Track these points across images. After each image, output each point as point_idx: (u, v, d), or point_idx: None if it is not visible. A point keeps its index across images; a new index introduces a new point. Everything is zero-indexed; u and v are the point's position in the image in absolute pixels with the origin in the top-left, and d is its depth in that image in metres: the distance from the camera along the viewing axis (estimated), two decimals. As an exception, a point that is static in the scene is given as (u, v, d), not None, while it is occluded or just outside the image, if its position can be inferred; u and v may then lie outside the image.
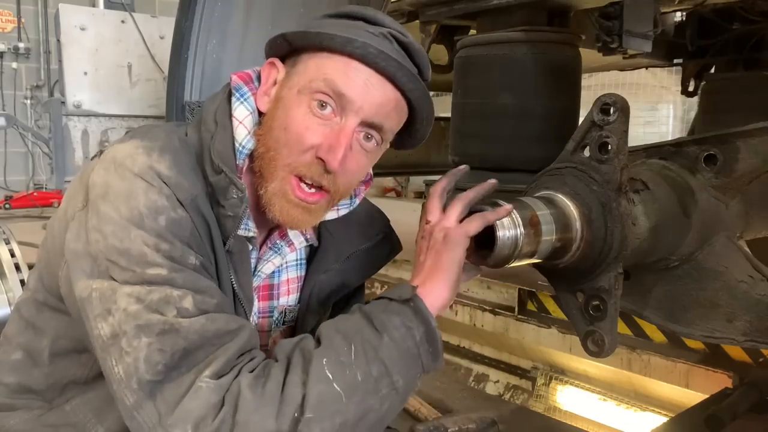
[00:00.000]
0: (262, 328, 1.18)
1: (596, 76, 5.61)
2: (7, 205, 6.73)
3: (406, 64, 1.00)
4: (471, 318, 3.16)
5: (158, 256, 0.90)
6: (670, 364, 2.45)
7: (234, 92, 1.05)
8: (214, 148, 0.98)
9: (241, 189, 0.97)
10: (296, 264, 1.20)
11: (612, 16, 1.80)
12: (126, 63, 4.25)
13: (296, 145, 0.98)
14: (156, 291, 0.89)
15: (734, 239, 1.32)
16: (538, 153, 1.83)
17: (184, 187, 0.94)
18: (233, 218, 0.97)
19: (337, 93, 0.97)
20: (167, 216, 0.91)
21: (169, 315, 0.87)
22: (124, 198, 0.92)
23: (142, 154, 0.95)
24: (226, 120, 1.02)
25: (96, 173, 0.97)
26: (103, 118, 4.21)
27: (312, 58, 1.00)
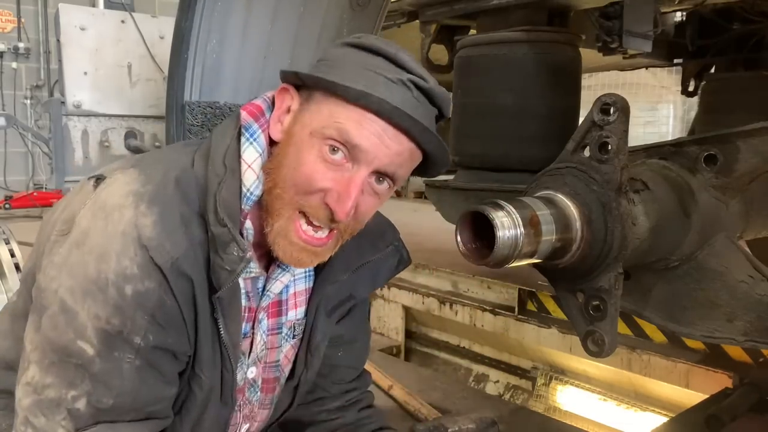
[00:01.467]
0: (272, 344, 1.17)
1: (596, 76, 5.61)
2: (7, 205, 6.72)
3: (423, 113, 0.97)
4: (471, 318, 3.16)
5: (96, 334, 0.91)
6: (670, 364, 2.45)
7: (244, 132, 1.01)
8: (221, 197, 0.95)
9: (243, 248, 0.94)
10: (305, 276, 1.18)
11: (612, 16, 1.80)
12: (126, 63, 4.25)
13: (305, 186, 0.96)
14: (53, 387, 0.92)
15: (734, 239, 1.32)
16: (538, 153, 1.83)
17: (164, 249, 0.92)
18: (230, 272, 0.95)
19: (350, 144, 0.94)
20: (134, 287, 0.91)
21: (56, 419, 0.92)
22: (96, 256, 0.91)
23: (131, 206, 0.93)
24: (235, 163, 0.99)
25: (85, 213, 0.96)
26: (103, 118, 4.20)
27: (326, 101, 0.95)
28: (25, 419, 0.93)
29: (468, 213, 1.08)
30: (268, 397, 1.20)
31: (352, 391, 1.33)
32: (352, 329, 1.29)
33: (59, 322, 0.92)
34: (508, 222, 1.04)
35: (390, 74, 0.95)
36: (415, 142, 0.97)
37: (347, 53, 0.98)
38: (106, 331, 0.91)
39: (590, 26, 1.92)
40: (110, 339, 0.91)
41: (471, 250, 1.09)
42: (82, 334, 0.91)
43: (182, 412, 1.06)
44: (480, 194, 1.97)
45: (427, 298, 3.39)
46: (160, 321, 0.93)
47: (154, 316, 0.93)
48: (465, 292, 3.33)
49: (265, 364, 1.17)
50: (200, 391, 1.04)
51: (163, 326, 0.94)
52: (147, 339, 0.93)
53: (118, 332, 0.91)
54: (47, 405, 0.92)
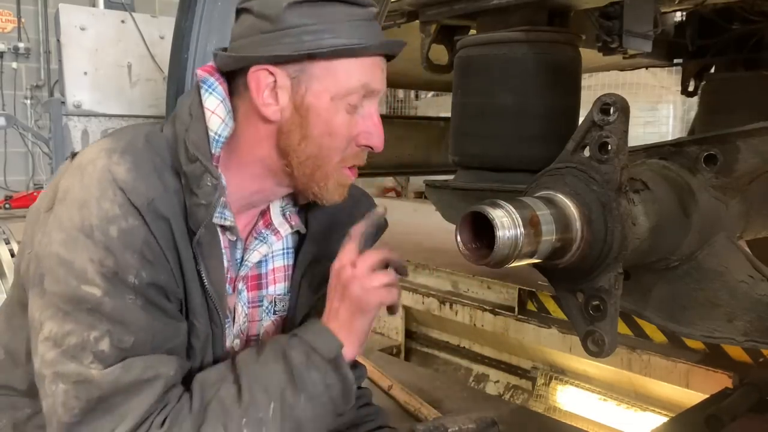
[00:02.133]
0: (253, 317, 1.19)
1: (596, 76, 5.61)
2: (7, 205, 6.72)
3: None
4: (471, 318, 3.16)
5: (97, 274, 0.93)
6: (670, 364, 2.45)
7: (202, 84, 1.07)
8: (189, 139, 1.01)
9: (216, 176, 0.99)
10: (283, 253, 1.21)
11: (612, 16, 1.80)
12: (126, 63, 4.24)
13: (344, 145, 1.06)
14: (74, 333, 0.92)
15: (734, 239, 1.32)
16: (538, 153, 1.83)
17: (140, 191, 0.96)
18: (206, 206, 0.99)
19: (369, 91, 1.06)
20: (118, 226, 0.94)
21: (85, 362, 0.92)
22: (78, 205, 0.95)
23: (104, 157, 0.98)
24: (199, 112, 1.05)
25: (65, 177, 1.01)
26: (103, 118, 4.20)
27: (333, 64, 1.03)
28: (54, 375, 0.93)
29: (468, 213, 1.08)
30: None
31: None
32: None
33: (60, 275, 0.94)
34: (508, 222, 1.04)
35: (362, 16, 1.05)
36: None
37: (308, 12, 1.01)
38: (104, 273, 0.93)
39: (590, 26, 1.92)
40: (110, 279, 0.93)
41: (471, 250, 1.09)
42: (85, 279, 0.93)
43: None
44: (480, 194, 1.97)
45: (427, 298, 3.39)
46: (149, 258, 0.96)
47: (143, 253, 0.95)
48: (465, 292, 3.34)
49: (247, 337, 1.19)
50: (197, 342, 1.05)
51: (153, 263, 0.96)
52: (141, 276, 0.95)
53: (113, 273, 0.93)
54: (72, 351, 0.92)
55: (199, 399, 0.97)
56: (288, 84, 1.03)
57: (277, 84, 1.03)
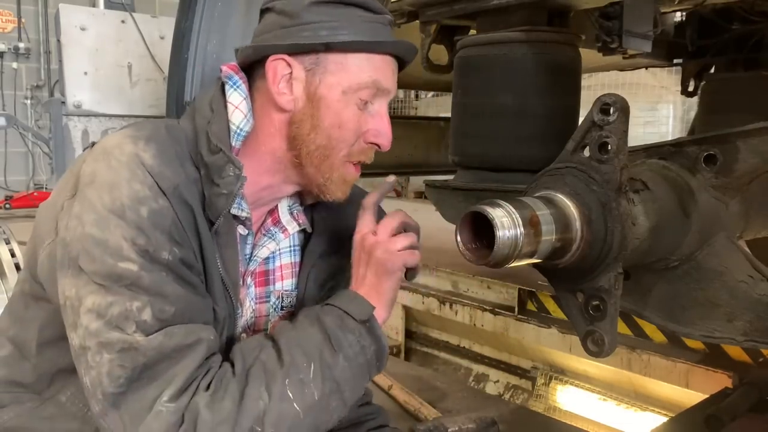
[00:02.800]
0: (260, 313, 1.22)
1: (596, 76, 5.61)
2: (7, 205, 6.73)
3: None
4: (471, 318, 3.16)
5: (133, 251, 0.94)
6: (670, 364, 2.45)
7: (226, 81, 1.11)
8: (212, 131, 1.04)
9: (238, 166, 1.02)
10: (290, 250, 1.24)
11: (612, 16, 1.80)
12: (126, 63, 4.25)
13: (352, 139, 1.09)
14: (116, 304, 0.93)
15: (734, 239, 1.32)
16: (538, 153, 1.83)
17: (166, 175, 0.98)
18: (227, 196, 1.01)
19: (379, 88, 1.10)
20: (149, 207, 0.96)
21: (128, 331, 0.93)
22: (108, 187, 0.97)
23: (129, 143, 1.00)
24: (221, 107, 1.08)
25: (86, 163, 1.02)
26: (104, 118, 4.20)
27: (347, 59, 1.07)
28: (98, 345, 0.93)
29: (468, 213, 1.08)
30: None
31: None
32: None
33: (95, 255, 0.95)
34: (507, 222, 1.05)
35: (377, 20, 1.10)
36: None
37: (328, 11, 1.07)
38: (137, 251, 0.95)
39: (590, 26, 1.92)
40: (146, 254, 0.95)
41: (471, 250, 1.09)
42: (121, 256, 0.94)
43: None
44: (480, 194, 1.97)
45: (427, 297, 3.39)
46: (177, 238, 0.98)
47: (171, 233, 0.97)
48: (465, 292, 3.34)
49: (254, 332, 1.21)
50: (217, 325, 1.07)
51: (181, 244, 0.98)
52: (173, 253, 0.97)
53: (145, 251, 0.95)
54: (116, 321, 0.93)
55: (241, 363, 0.99)
56: (303, 75, 1.07)
57: (293, 75, 1.07)
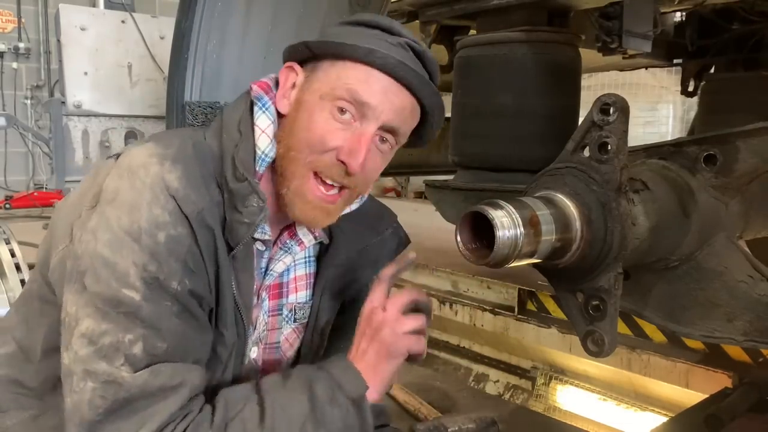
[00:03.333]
0: (273, 326, 1.20)
1: (596, 76, 5.61)
2: (7, 205, 6.72)
3: (421, 72, 1.05)
4: (471, 318, 3.16)
5: (139, 278, 0.93)
6: (670, 364, 2.45)
7: (256, 102, 1.09)
8: (238, 157, 1.02)
9: (263, 198, 1.01)
10: (305, 261, 1.23)
11: (612, 16, 1.80)
12: (126, 63, 4.25)
13: (318, 146, 1.03)
14: (109, 333, 0.93)
15: (734, 239, 1.32)
16: (538, 153, 1.83)
17: (191, 199, 0.97)
18: (248, 225, 1.00)
19: (358, 101, 1.02)
20: (167, 233, 0.95)
21: (116, 363, 0.92)
22: (128, 208, 0.96)
23: (156, 163, 0.98)
24: (248, 130, 1.06)
25: (111, 178, 1.01)
26: (104, 118, 4.21)
27: (334, 66, 1.04)
28: (84, 372, 0.93)
29: (468, 213, 1.08)
30: None
31: None
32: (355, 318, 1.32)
33: (102, 275, 0.94)
34: (507, 222, 1.05)
35: (389, 39, 1.04)
36: (415, 97, 1.06)
37: (346, 28, 1.07)
38: (145, 278, 0.94)
39: (590, 26, 1.92)
40: (151, 285, 0.94)
41: (471, 250, 1.09)
42: (126, 282, 0.94)
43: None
44: (480, 194, 1.97)
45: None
46: (192, 267, 0.97)
47: (186, 261, 0.96)
48: (465, 292, 3.33)
49: (266, 345, 1.20)
50: (224, 351, 1.06)
51: (194, 272, 0.97)
52: (183, 284, 0.96)
53: (155, 278, 0.94)
54: (105, 351, 0.93)
55: (222, 414, 0.97)
56: (302, 82, 1.07)
57: (296, 82, 1.07)
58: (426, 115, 1.11)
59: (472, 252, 1.08)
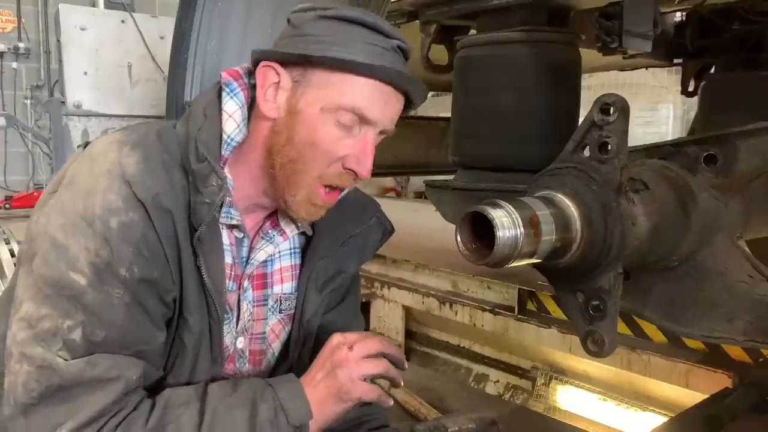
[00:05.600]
0: (258, 316, 1.21)
1: (596, 76, 5.61)
2: (7, 205, 6.72)
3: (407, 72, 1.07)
4: (471, 318, 3.16)
5: (88, 265, 0.94)
6: (670, 364, 2.45)
7: (224, 87, 1.09)
8: (200, 138, 1.03)
9: (221, 177, 1.01)
10: (290, 252, 1.23)
11: (612, 16, 1.80)
12: (126, 63, 4.24)
13: (325, 160, 1.05)
14: (48, 318, 0.94)
15: (734, 239, 1.32)
16: (538, 153, 1.82)
17: (146, 184, 0.98)
18: (209, 205, 1.01)
19: (360, 115, 1.03)
20: (119, 219, 0.96)
21: (53, 348, 0.93)
22: (84, 193, 0.97)
23: (115, 149, 1.00)
24: (215, 113, 1.07)
25: (74, 164, 1.04)
26: (104, 118, 4.20)
27: (331, 77, 1.03)
28: (21, 355, 0.95)
29: (468, 213, 1.08)
30: (255, 370, 1.23)
31: None
32: (346, 317, 1.34)
33: (50, 258, 0.96)
34: (507, 222, 1.05)
35: (381, 43, 1.05)
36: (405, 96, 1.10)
37: (330, 26, 1.04)
38: (95, 264, 0.95)
39: (590, 26, 1.92)
40: (100, 271, 0.95)
41: (471, 250, 1.09)
42: (74, 266, 0.95)
43: (174, 369, 1.08)
44: (480, 194, 1.97)
45: (427, 298, 3.39)
46: (145, 253, 0.97)
47: (139, 247, 0.97)
48: (465, 292, 3.33)
49: (252, 335, 1.21)
50: (190, 339, 1.06)
51: (148, 258, 0.98)
52: (132, 271, 0.96)
53: (106, 264, 0.95)
54: (43, 336, 0.94)
55: (159, 416, 0.98)
56: (289, 86, 1.05)
57: (280, 84, 1.06)
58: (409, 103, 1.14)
59: (472, 252, 1.08)
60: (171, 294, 1.03)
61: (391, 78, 1.04)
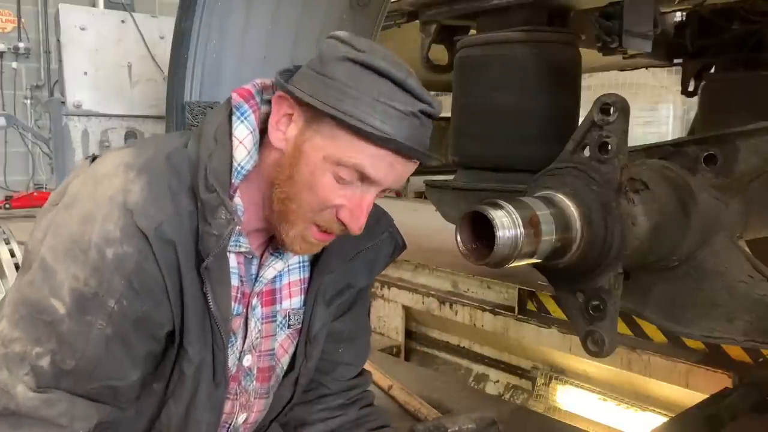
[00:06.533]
0: (267, 333, 1.18)
1: (596, 76, 5.61)
2: (7, 205, 6.72)
3: (426, 137, 1.02)
4: (471, 318, 3.16)
5: (71, 294, 0.94)
6: (670, 364, 2.45)
7: (235, 111, 1.05)
8: (211, 167, 0.99)
9: (230, 211, 0.98)
10: (299, 266, 1.20)
11: (612, 16, 1.80)
12: (126, 63, 4.24)
13: (320, 205, 1.01)
14: (19, 342, 0.94)
15: (734, 239, 1.32)
16: (538, 153, 1.82)
17: (149, 213, 0.95)
18: (217, 237, 0.98)
19: (362, 173, 0.99)
20: (114, 250, 0.94)
21: (19, 373, 0.94)
22: (82, 219, 0.96)
23: (121, 173, 0.98)
24: (225, 139, 1.03)
25: (78, 180, 1.01)
26: (103, 118, 4.20)
27: (340, 130, 0.97)
28: None
29: (468, 213, 1.08)
30: (263, 387, 1.21)
31: (353, 389, 1.34)
32: (353, 326, 1.31)
33: (36, 279, 0.95)
34: (507, 222, 1.04)
35: (402, 106, 0.97)
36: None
37: (354, 74, 0.97)
38: (82, 293, 0.94)
39: (590, 26, 1.92)
40: (85, 301, 0.94)
41: (471, 250, 1.09)
42: (57, 293, 0.94)
43: (174, 395, 1.07)
44: (480, 194, 1.97)
45: (427, 298, 3.39)
46: (136, 287, 0.96)
47: (131, 281, 0.95)
48: (465, 292, 3.33)
49: (260, 352, 1.18)
50: (189, 368, 1.05)
51: (139, 292, 0.96)
52: (121, 303, 0.95)
53: (93, 294, 0.94)
54: (12, 359, 0.94)
55: None
56: (301, 123, 1.01)
57: (293, 117, 1.02)
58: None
59: (472, 252, 1.08)
60: (165, 328, 1.02)
61: (401, 151, 0.97)
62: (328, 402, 1.31)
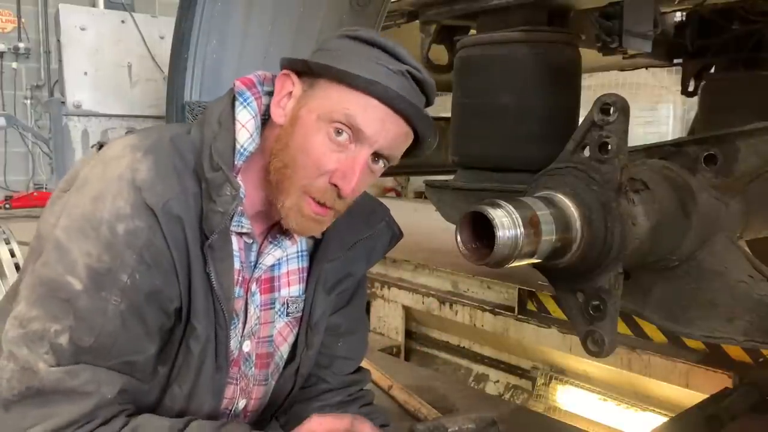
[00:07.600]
0: (266, 319, 1.20)
1: (596, 76, 5.61)
2: (8, 205, 6.73)
3: (418, 101, 1.05)
4: (471, 318, 3.17)
5: (86, 269, 0.95)
6: (670, 364, 2.45)
7: (237, 97, 1.10)
8: (215, 147, 1.03)
9: (235, 187, 1.01)
10: (297, 255, 1.23)
11: (612, 16, 1.81)
12: (126, 63, 4.24)
13: (313, 170, 1.03)
14: (38, 320, 0.95)
15: (734, 239, 1.32)
16: (538, 153, 1.83)
17: (156, 190, 0.98)
18: (222, 214, 1.01)
19: (355, 127, 1.02)
20: (125, 225, 0.96)
21: (39, 351, 0.94)
22: (93, 198, 0.98)
23: (128, 154, 1.01)
24: (229, 122, 1.07)
25: (88, 166, 1.04)
26: (103, 118, 4.20)
27: (333, 88, 1.03)
28: (9, 353, 0.96)
29: (468, 213, 1.09)
30: (262, 373, 1.23)
31: (352, 385, 1.35)
32: (351, 319, 1.33)
33: (51, 258, 0.97)
34: (507, 222, 1.05)
35: (390, 65, 1.03)
36: (410, 125, 1.06)
37: (347, 44, 1.05)
38: (95, 269, 0.95)
39: (590, 26, 1.92)
40: (99, 277, 0.95)
41: (471, 250, 1.09)
42: (72, 270, 0.95)
43: (179, 378, 1.08)
44: (480, 194, 1.97)
45: (427, 298, 3.39)
46: (148, 260, 0.98)
47: (142, 255, 0.97)
48: (465, 292, 3.34)
49: (259, 338, 1.20)
50: (197, 345, 1.06)
51: (151, 266, 0.98)
52: (134, 278, 0.97)
53: (107, 270, 0.95)
54: (31, 337, 0.95)
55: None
56: (299, 94, 1.06)
57: (293, 93, 1.07)
58: (418, 140, 1.11)
59: (472, 252, 1.08)
60: (174, 303, 1.03)
61: (391, 98, 1.01)
62: (327, 399, 1.31)
